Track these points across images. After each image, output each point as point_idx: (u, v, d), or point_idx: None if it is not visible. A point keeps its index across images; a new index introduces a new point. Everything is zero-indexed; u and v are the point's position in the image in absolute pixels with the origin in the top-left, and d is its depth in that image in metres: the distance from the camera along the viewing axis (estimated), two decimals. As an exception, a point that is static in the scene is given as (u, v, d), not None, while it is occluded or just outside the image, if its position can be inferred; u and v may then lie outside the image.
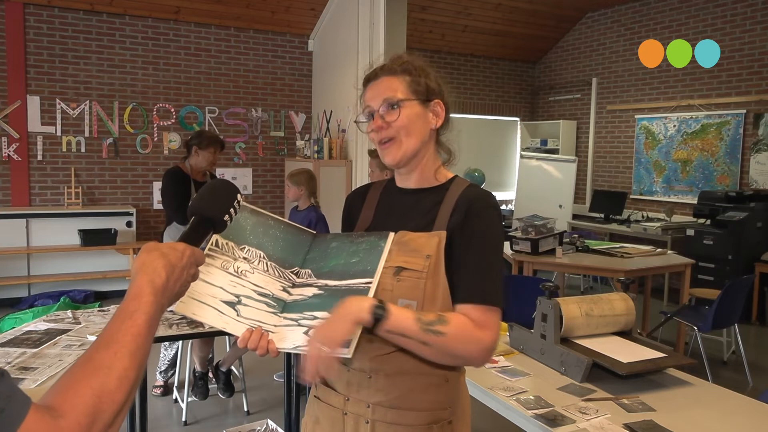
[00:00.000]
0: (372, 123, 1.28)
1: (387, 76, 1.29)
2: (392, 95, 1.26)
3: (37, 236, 5.87)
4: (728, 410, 1.85)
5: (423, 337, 1.12)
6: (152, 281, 0.85)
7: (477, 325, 1.17)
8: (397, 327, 1.11)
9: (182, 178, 3.75)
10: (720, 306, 3.91)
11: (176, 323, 2.78)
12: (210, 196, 1.09)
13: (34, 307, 5.31)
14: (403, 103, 1.26)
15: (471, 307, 1.18)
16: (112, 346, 0.74)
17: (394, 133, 1.26)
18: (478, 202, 1.25)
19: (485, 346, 1.17)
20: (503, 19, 7.57)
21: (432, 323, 1.12)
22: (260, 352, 1.14)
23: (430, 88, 1.30)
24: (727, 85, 6.42)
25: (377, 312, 1.09)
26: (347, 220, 1.44)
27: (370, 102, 1.29)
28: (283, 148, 7.17)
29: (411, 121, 1.26)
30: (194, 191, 3.67)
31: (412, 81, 1.28)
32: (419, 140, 1.28)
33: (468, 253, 1.22)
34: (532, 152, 8.25)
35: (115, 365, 0.72)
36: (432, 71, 1.33)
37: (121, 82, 6.32)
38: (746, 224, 5.58)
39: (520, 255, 4.42)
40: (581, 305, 2.22)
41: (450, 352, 1.15)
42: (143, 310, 0.80)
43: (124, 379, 0.72)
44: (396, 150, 1.27)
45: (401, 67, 1.29)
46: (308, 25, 6.97)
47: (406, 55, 1.33)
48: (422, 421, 1.22)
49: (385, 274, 1.20)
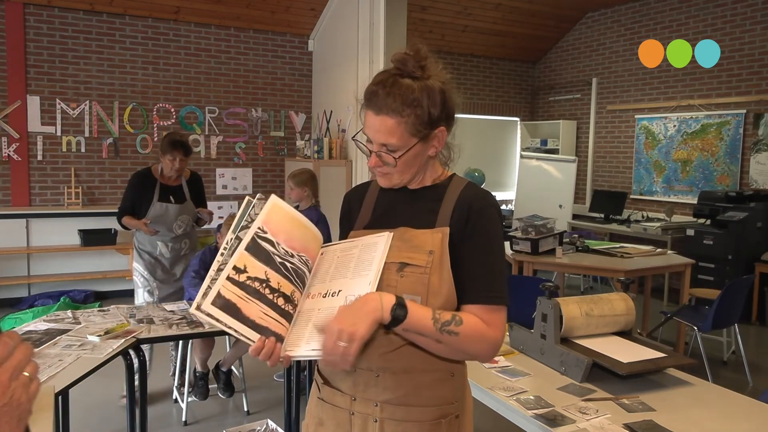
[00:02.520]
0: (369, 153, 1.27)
1: (388, 116, 1.19)
2: (391, 143, 1.22)
3: (37, 236, 5.87)
4: (728, 410, 1.85)
5: (438, 336, 1.15)
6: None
7: (487, 325, 1.20)
8: (414, 326, 1.13)
9: (147, 181, 3.66)
10: (720, 306, 3.91)
11: (176, 323, 2.78)
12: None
13: (34, 307, 5.32)
14: (402, 153, 1.23)
15: (478, 308, 1.21)
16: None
17: (390, 171, 1.27)
18: (479, 201, 1.26)
19: (494, 344, 1.22)
20: (503, 19, 7.57)
21: (448, 323, 1.15)
22: (272, 364, 1.14)
23: (434, 119, 1.22)
24: (727, 85, 6.42)
25: (398, 312, 1.11)
26: (346, 218, 1.45)
27: (368, 132, 1.24)
28: (283, 148, 7.17)
29: (408, 164, 1.26)
30: (159, 196, 3.65)
31: (415, 121, 1.20)
32: (414, 173, 1.29)
33: (472, 253, 1.23)
34: (532, 152, 8.25)
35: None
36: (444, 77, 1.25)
37: (121, 82, 6.32)
38: (746, 224, 5.58)
39: (520, 255, 4.42)
40: (581, 305, 2.22)
41: (462, 350, 1.19)
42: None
43: None
44: (389, 181, 1.30)
45: (406, 103, 1.18)
46: (308, 25, 6.97)
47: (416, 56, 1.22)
48: (431, 417, 1.23)
49: (389, 270, 1.21)
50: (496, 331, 1.21)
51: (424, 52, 1.23)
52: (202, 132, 6.72)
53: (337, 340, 1.07)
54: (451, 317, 1.16)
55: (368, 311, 1.09)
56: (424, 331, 1.14)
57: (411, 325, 1.13)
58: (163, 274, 3.73)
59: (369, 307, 1.10)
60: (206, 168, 6.76)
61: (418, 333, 1.15)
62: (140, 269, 3.71)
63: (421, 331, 1.14)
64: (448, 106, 1.25)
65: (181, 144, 3.60)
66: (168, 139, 3.61)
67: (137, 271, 3.73)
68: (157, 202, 3.64)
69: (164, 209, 3.65)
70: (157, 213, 3.64)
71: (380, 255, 1.21)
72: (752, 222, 5.60)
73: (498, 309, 1.22)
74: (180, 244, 3.78)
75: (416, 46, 1.24)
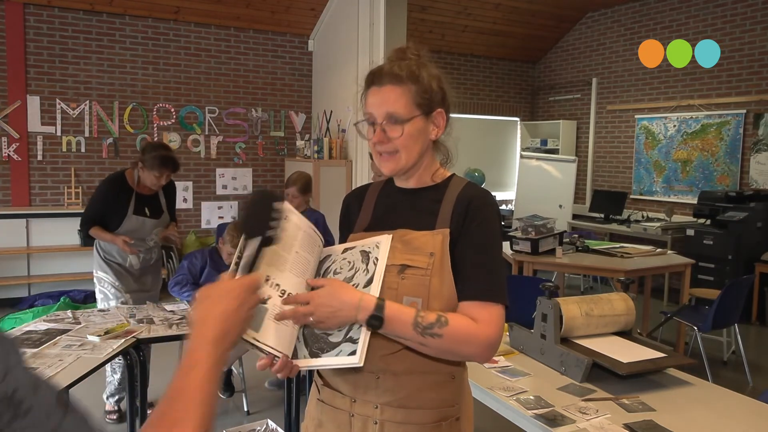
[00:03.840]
0: (373, 133, 1.26)
1: (392, 85, 1.23)
2: (396, 110, 1.23)
3: (37, 236, 5.87)
4: (728, 410, 1.85)
5: (420, 339, 1.15)
6: (205, 335, 0.89)
7: (478, 323, 1.18)
8: (393, 332, 1.16)
9: (122, 191, 3.28)
10: (720, 306, 3.91)
11: (176, 323, 2.78)
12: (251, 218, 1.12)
13: (34, 307, 5.32)
14: (407, 121, 1.24)
15: (472, 304, 1.20)
16: (182, 399, 0.79)
17: (395, 148, 1.26)
18: (477, 200, 1.26)
19: (486, 343, 1.19)
20: (503, 19, 7.57)
21: (430, 326, 1.15)
22: (282, 376, 1.18)
23: (434, 98, 1.26)
24: (727, 85, 6.42)
25: (372, 323, 1.14)
26: (345, 220, 1.44)
27: (371, 109, 1.25)
28: (283, 148, 7.17)
29: (413, 137, 1.25)
30: (134, 208, 3.29)
31: (417, 91, 1.23)
32: (418, 153, 1.28)
33: (468, 251, 1.23)
34: (532, 152, 8.25)
35: (189, 417, 0.76)
36: (437, 71, 1.30)
37: (121, 82, 6.32)
38: (746, 224, 5.58)
39: (520, 255, 4.42)
40: (581, 305, 2.22)
41: (449, 351, 1.19)
42: (203, 360, 0.85)
43: (202, 427, 0.76)
44: (394, 164, 1.28)
45: (408, 74, 1.23)
46: (308, 25, 6.97)
47: (413, 48, 1.29)
48: (431, 419, 1.23)
49: (390, 273, 1.21)
50: (489, 328, 1.18)
51: (417, 47, 1.30)
52: (202, 132, 6.71)
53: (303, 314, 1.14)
54: (436, 319, 1.15)
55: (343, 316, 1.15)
56: (404, 335, 1.16)
57: (388, 332, 1.16)
58: (135, 285, 3.44)
59: (343, 314, 1.15)
60: (206, 168, 6.76)
61: (398, 337, 1.17)
62: (110, 280, 3.38)
63: (400, 335, 1.16)
64: (444, 91, 1.30)
65: (172, 162, 3.26)
66: (157, 156, 3.21)
67: (105, 281, 3.39)
68: (132, 215, 3.29)
69: (140, 223, 3.32)
70: (131, 227, 3.30)
71: (381, 258, 1.21)
72: (752, 222, 5.60)
73: (492, 306, 1.20)
74: (150, 255, 3.51)
75: (410, 43, 1.32)
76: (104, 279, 3.39)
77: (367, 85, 1.28)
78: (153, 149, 3.26)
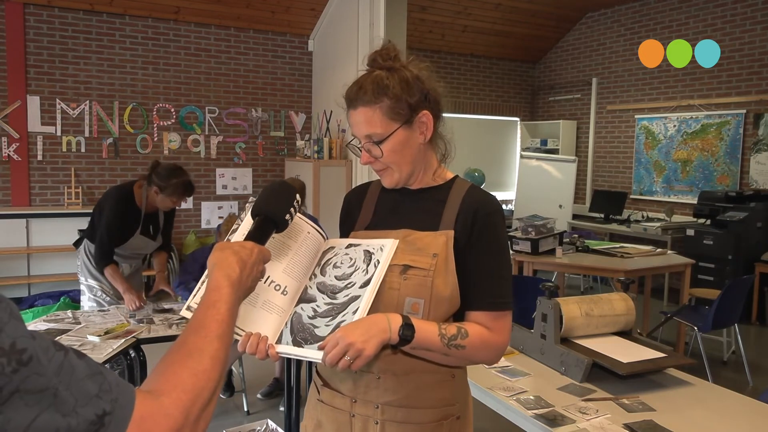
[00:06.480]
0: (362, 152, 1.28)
1: (363, 107, 1.22)
2: (373, 131, 1.22)
3: (37, 236, 5.87)
4: (728, 410, 1.85)
5: (446, 351, 1.17)
6: (228, 275, 0.94)
7: (492, 331, 1.22)
8: (422, 344, 1.16)
9: (131, 212, 3.13)
10: (720, 306, 3.91)
11: (176, 323, 2.78)
12: (272, 197, 1.14)
13: (34, 307, 5.31)
14: (387, 138, 1.22)
15: (484, 315, 1.23)
16: (201, 331, 0.82)
17: (384, 165, 1.27)
18: (485, 207, 1.26)
19: (499, 349, 1.25)
20: (503, 19, 7.57)
21: (454, 337, 1.17)
22: (260, 356, 1.15)
23: (414, 103, 1.22)
24: (727, 85, 6.41)
25: (405, 333, 1.13)
26: (346, 219, 1.44)
27: (354, 132, 1.27)
28: (283, 148, 7.16)
29: (397, 151, 1.24)
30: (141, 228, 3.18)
31: (389, 105, 1.20)
32: (410, 162, 1.27)
33: (477, 260, 1.23)
34: (532, 152, 8.25)
35: (206, 348, 0.79)
36: (414, 70, 1.24)
37: (121, 82, 6.32)
38: (746, 224, 5.58)
39: (520, 255, 4.42)
40: (581, 305, 2.22)
41: (468, 360, 1.23)
42: (223, 300, 0.89)
43: (216, 359, 0.78)
44: (390, 178, 1.29)
45: (374, 90, 1.20)
46: (308, 25, 6.97)
47: (385, 53, 1.25)
48: (432, 419, 1.23)
49: (392, 272, 1.21)
50: (501, 336, 1.23)
51: (392, 48, 1.26)
52: (202, 132, 6.71)
53: (343, 351, 1.08)
54: (457, 331, 1.18)
55: (377, 332, 1.11)
56: (432, 347, 1.16)
57: (419, 343, 1.15)
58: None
59: (378, 327, 1.12)
60: (206, 168, 6.76)
61: (426, 349, 1.17)
62: (103, 287, 3.27)
63: (428, 348, 1.17)
64: (426, 91, 1.25)
65: (192, 188, 3.15)
66: (180, 184, 3.04)
67: (98, 289, 3.28)
68: (139, 235, 3.19)
69: (144, 243, 3.26)
70: (136, 245, 3.24)
71: (383, 262, 1.21)
72: (752, 222, 5.60)
73: (503, 315, 1.24)
74: (139, 262, 3.52)
75: (386, 44, 1.28)
76: (96, 287, 3.29)
77: (347, 107, 1.28)
78: (172, 174, 3.06)
